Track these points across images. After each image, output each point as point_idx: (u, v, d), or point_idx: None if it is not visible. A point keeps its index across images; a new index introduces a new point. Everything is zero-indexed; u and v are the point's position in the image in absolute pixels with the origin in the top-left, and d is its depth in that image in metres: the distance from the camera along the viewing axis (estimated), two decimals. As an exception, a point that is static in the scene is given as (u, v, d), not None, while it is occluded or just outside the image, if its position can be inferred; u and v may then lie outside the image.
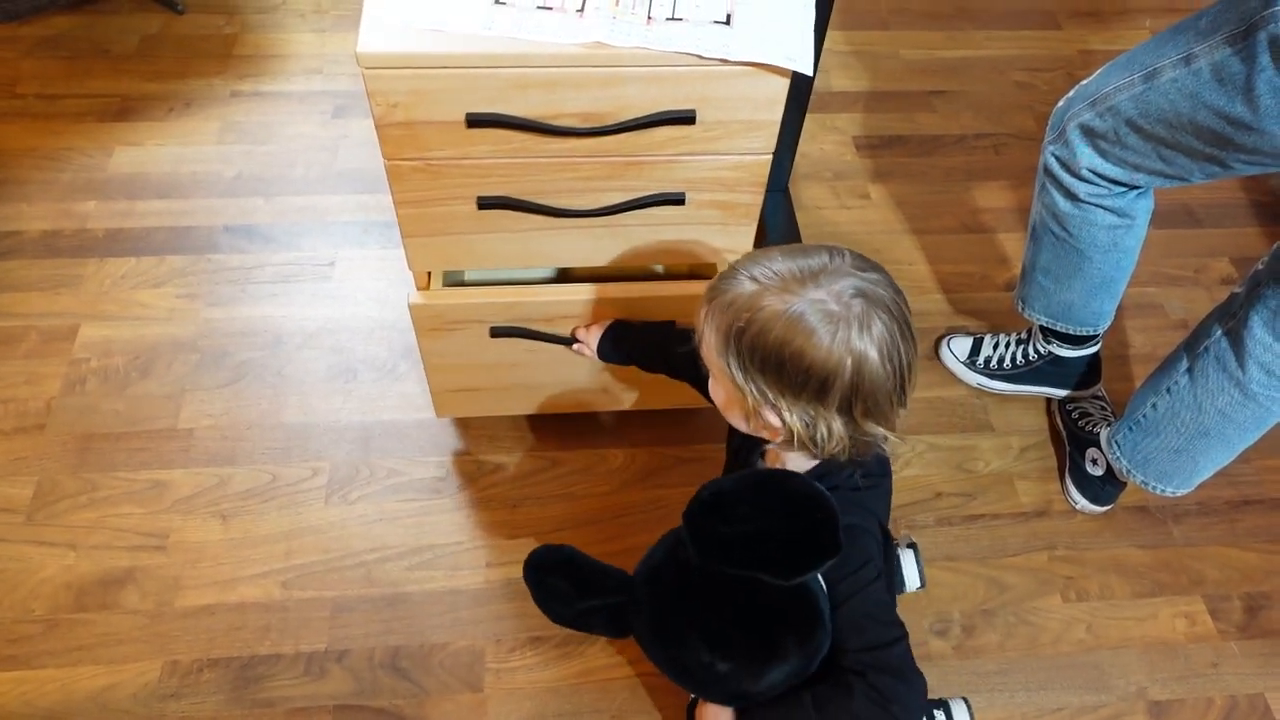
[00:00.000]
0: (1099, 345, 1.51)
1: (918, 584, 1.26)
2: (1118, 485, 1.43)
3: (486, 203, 1.08)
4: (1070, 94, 1.23)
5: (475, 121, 0.99)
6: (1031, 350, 1.54)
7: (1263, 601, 1.40)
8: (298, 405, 1.52)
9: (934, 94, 2.08)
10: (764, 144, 1.06)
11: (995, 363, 1.57)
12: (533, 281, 1.26)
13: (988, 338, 1.60)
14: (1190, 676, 1.32)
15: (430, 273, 1.22)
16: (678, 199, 1.10)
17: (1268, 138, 1.01)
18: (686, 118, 1.00)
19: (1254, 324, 1.13)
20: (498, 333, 1.24)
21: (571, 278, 1.27)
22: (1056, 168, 1.26)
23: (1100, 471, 1.43)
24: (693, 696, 1.13)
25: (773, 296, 0.85)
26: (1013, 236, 1.82)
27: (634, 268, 1.24)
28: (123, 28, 2.07)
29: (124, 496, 1.40)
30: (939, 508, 1.47)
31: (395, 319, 1.62)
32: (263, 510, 1.40)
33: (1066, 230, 1.30)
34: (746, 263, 0.89)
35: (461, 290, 1.22)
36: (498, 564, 1.37)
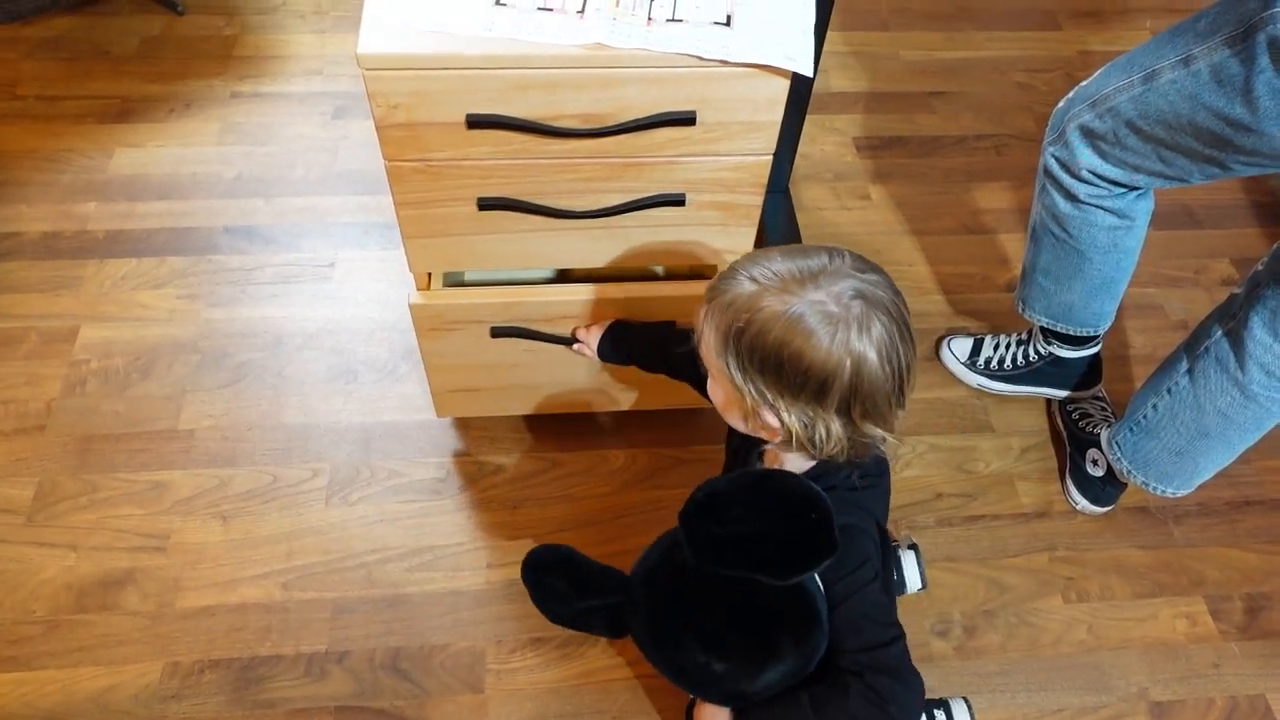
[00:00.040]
0: (1099, 346, 1.51)
1: (919, 585, 1.26)
2: (1118, 486, 1.43)
3: (487, 204, 1.08)
4: (1070, 95, 1.23)
5: (476, 123, 0.99)
6: (1032, 351, 1.54)
7: (1263, 602, 1.40)
8: (298, 406, 1.52)
9: (934, 95, 2.08)
10: (764, 145, 1.06)
11: (996, 363, 1.57)
12: (533, 282, 1.26)
13: (988, 338, 1.60)
14: (1191, 677, 1.32)
15: (430, 274, 1.22)
16: (678, 200, 1.10)
17: (1267, 139, 1.01)
18: (687, 119, 1.00)
19: (1254, 325, 1.13)
20: (498, 333, 1.24)
21: (571, 278, 1.27)
22: (1056, 169, 1.26)
23: (1101, 472, 1.43)
24: (691, 697, 1.13)
25: (772, 297, 0.85)
26: (1013, 237, 1.82)
27: (634, 269, 1.24)
28: (123, 29, 2.07)
29: (124, 498, 1.40)
30: (939, 508, 1.47)
31: (395, 320, 1.62)
32: (263, 511, 1.40)
33: (1066, 231, 1.30)
34: (746, 263, 0.89)
35: (461, 290, 1.22)
36: (498, 565, 1.37)
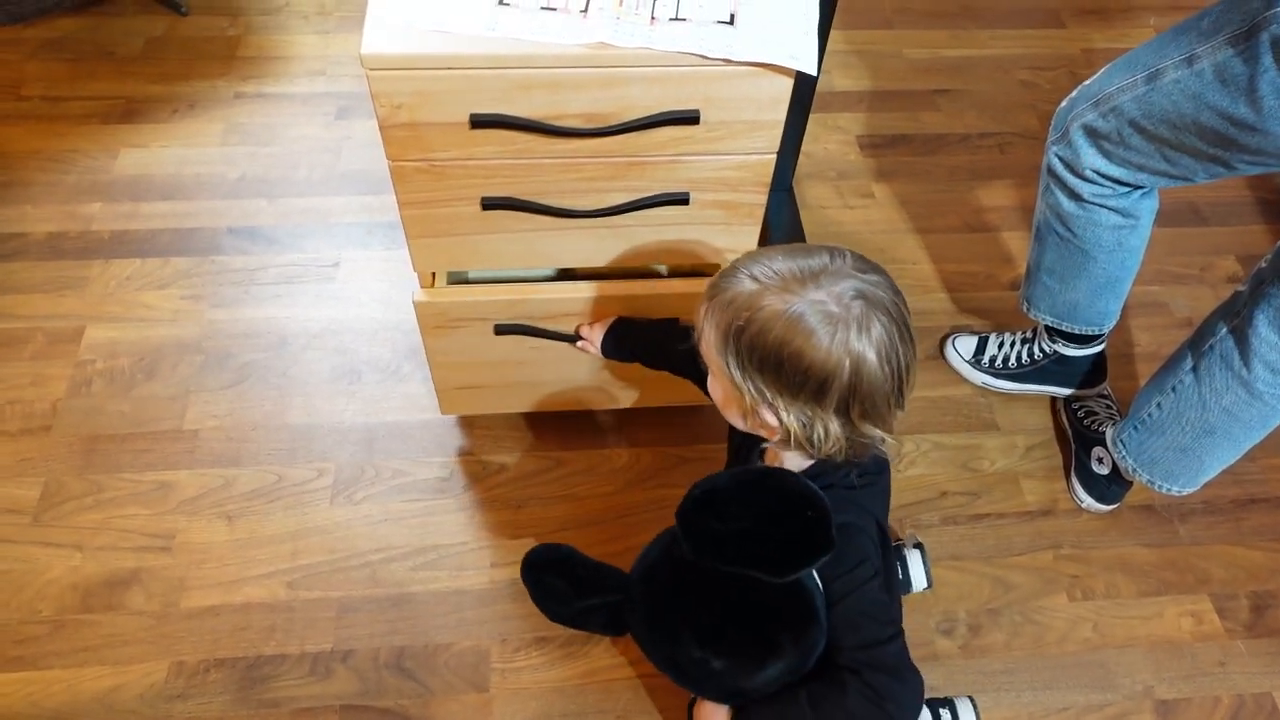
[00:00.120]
0: (1104, 344, 1.51)
1: (924, 585, 1.27)
2: (1123, 484, 1.42)
3: (490, 203, 1.08)
4: (1073, 94, 1.23)
5: (479, 122, 0.99)
6: (1037, 349, 1.53)
7: (1269, 600, 1.39)
8: (302, 406, 1.52)
9: (938, 93, 2.08)
10: (768, 144, 1.06)
11: (1000, 362, 1.57)
12: (536, 279, 1.26)
13: (992, 337, 1.60)
14: (1197, 675, 1.32)
15: (434, 273, 1.23)
16: (682, 199, 1.10)
17: (1271, 138, 1.00)
18: (690, 118, 1.00)
19: (1259, 322, 1.13)
20: (502, 330, 1.24)
21: (574, 275, 1.27)
22: (1060, 168, 1.26)
23: (1106, 470, 1.42)
24: (693, 696, 1.13)
25: (773, 296, 0.85)
26: (1017, 235, 1.82)
27: (637, 267, 1.24)
28: (127, 30, 2.07)
29: (130, 498, 1.41)
30: (944, 507, 1.47)
31: (399, 320, 1.62)
32: (268, 511, 1.41)
33: (1071, 231, 1.30)
34: (747, 261, 0.89)
35: (466, 288, 1.22)
36: (502, 564, 1.37)
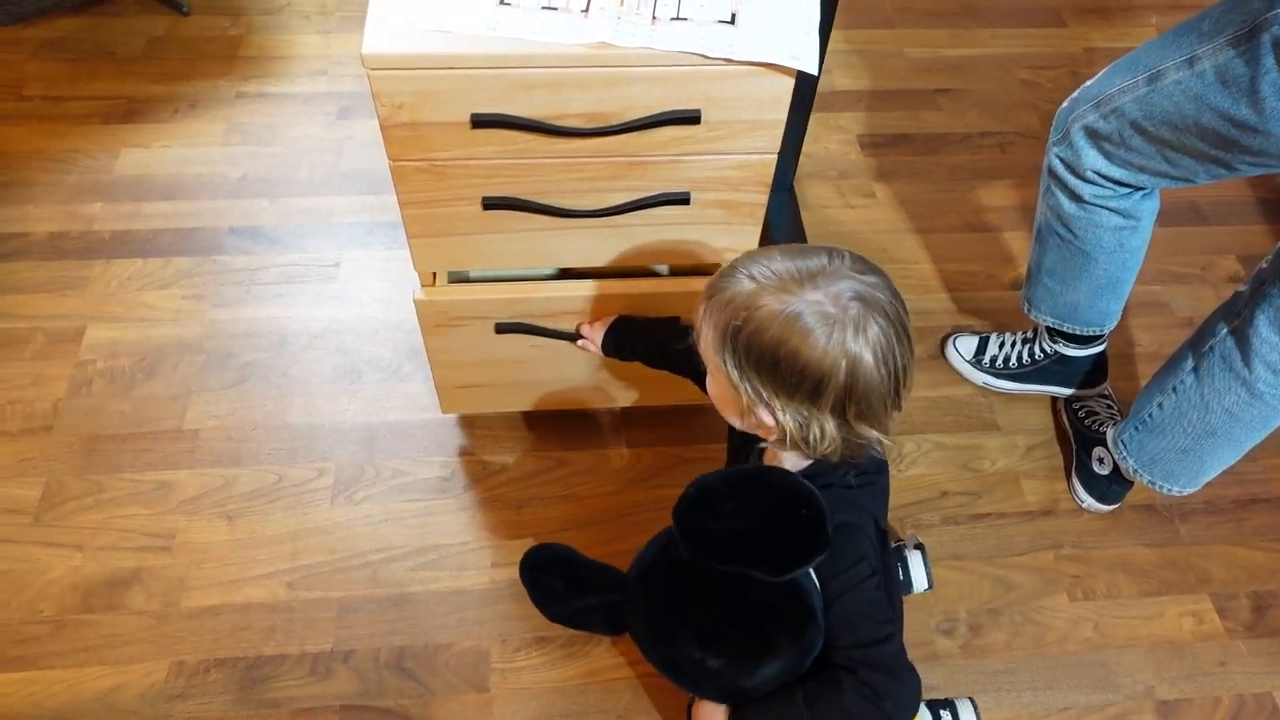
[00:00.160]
0: (1105, 344, 1.50)
1: (925, 585, 1.27)
2: (1124, 484, 1.42)
3: (491, 203, 1.08)
4: (1074, 95, 1.23)
5: (480, 122, 0.99)
6: (1037, 349, 1.53)
7: (1270, 600, 1.39)
8: (303, 406, 1.52)
9: (939, 92, 2.07)
10: (769, 143, 1.06)
11: (1001, 362, 1.57)
12: (536, 278, 1.26)
13: (993, 337, 1.60)
14: (1198, 675, 1.32)
15: (435, 273, 1.23)
16: (683, 199, 1.10)
17: (1273, 140, 1.00)
18: (691, 118, 1.00)
19: (1259, 323, 1.13)
20: (503, 329, 1.24)
21: (575, 274, 1.27)
22: (1061, 170, 1.26)
23: (1107, 470, 1.42)
24: (693, 696, 1.13)
25: (770, 296, 0.86)
26: (1018, 235, 1.82)
27: (638, 267, 1.24)
28: (128, 29, 2.07)
29: (130, 498, 1.41)
30: (945, 507, 1.47)
31: (400, 320, 1.62)
32: (268, 511, 1.41)
33: (1072, 232, 1.30)
34: (746, 261, 0.90)
35: (466, 286, 1.22)
36: (503, 564, 1.37)
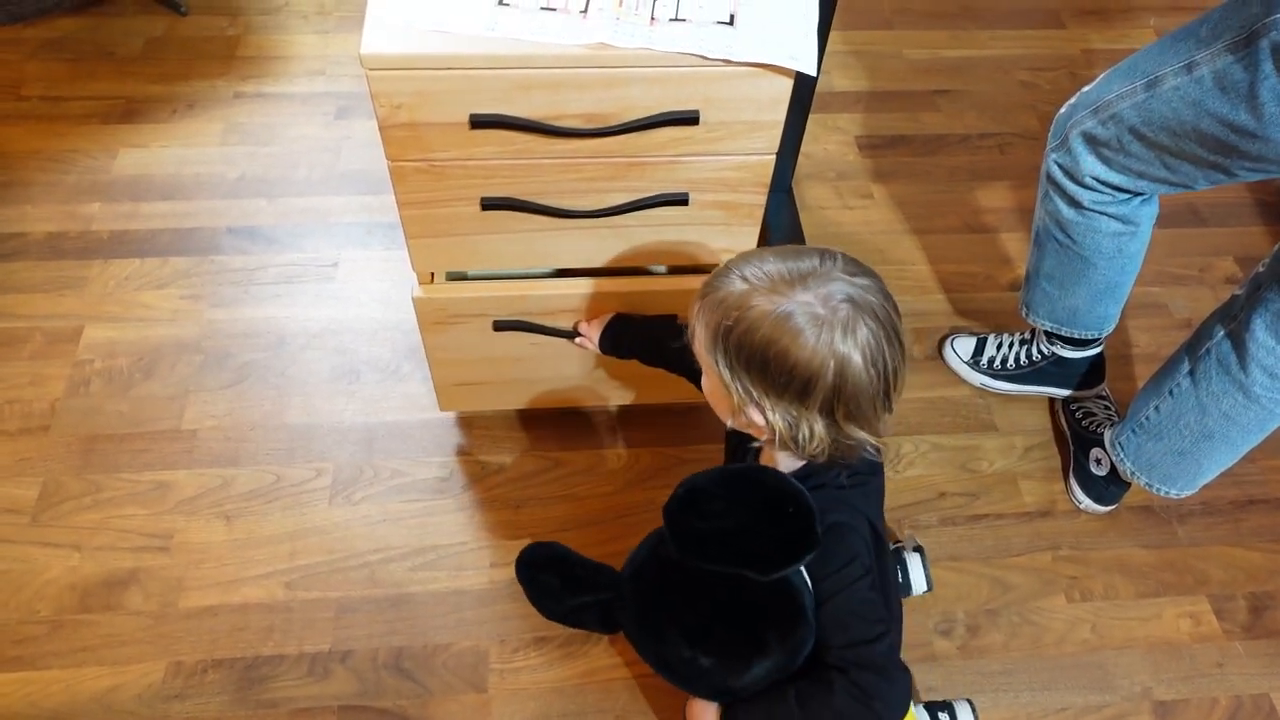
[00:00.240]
0: (1102, 346, 1.51)
1: (924, 588, 1.27)
2: (1122, 485, 1.42)
3: (490, 204, 1.08)
4: (1072, 101, 1.22)
5: (479, 123, 0.99)
6: (1035, 351, 1.53)
7: (1267, 601, 1.39)
8: (301, 406, 1.52)
9: (938, 93, 2.08)
10: (767, 144, 1.06)
11: (999, 363, 1.57)
12: (534, 276, 1.26)
13: (991, 338, 1.60)
14: (1195, 677, 1.32)
15: (433, 274, 1.23)
16: (681, 200, 1.10)
17: (1272, 145, 1.00)
18: (690, 118, 1.00)
19: (1255, 327, 1.13)
20: (500, 326, 1.24)
21: (573, 272, 1.27)
22: (1060, 175, 1.25)
23: (1104, 471, 1.42)
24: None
25: (761, 297, 0.87)
26: (1016, 236, 1.82)
27: (636, 267, 1.24)
28: (127, 30, 2.07)
29: (128, 498, 1.41)
30: (943, 507, 1.47)
31: (399, 320, 1.62)
32: (266, 511, 1.41)
33: (1070, 237, 1.30)
34: (740, 262, 0.91)
35: (464, 284, 1.22)
36: (501, 564, 1.37)
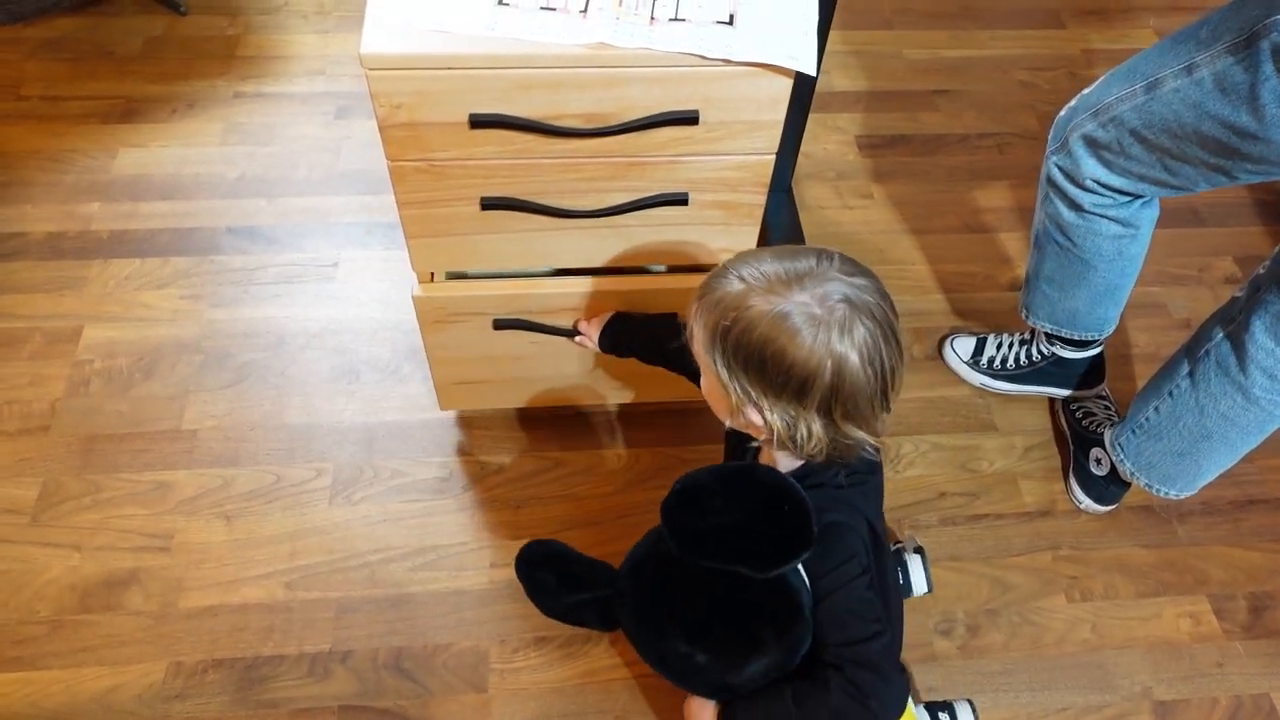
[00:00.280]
0: (1102, 346, 1.51)
1: (925, 589, 1.27)
2: (1122, 485, 1.42)
3: (490, 203, 1.08)
4: (1072, 103, 1.22)
5: (478, 122, 0.99)
6: (1035, 351, 1.53)
7: (1267, 601, 1.39)
8: (301, 406, 1.52)
9: (937, 93, 2.08)
10: (767, 144, 1.06)
11: (999, 363, 1.57)
12: (534, 274, 1.26)
13: (991, 338, 1.60)
14: (1195, 676, 1.32)
15: (433, 273, 1.23)
16: (681, 199, 1.10)
17: (1274, 147, 1.00)
18: (689, 118, 1.00)
19: (1255, 329, 1.13)
20: (500, 325, 1.24)
21: (573, 270, 1.27)
22: (1060, 178, 1.25)
23: (1104, 471, 1.42)
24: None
25: (759, 297, 0.87)
26: (1015, 236, 1.82)
27: (636, 267, 1.24)
28: (126, 29, 2.07)
29: (128, 498, 1.41)
30: (943, 507, 1.47)
31: (399, 320, 1.62)
32: (266, 511, 1.40)
33: (1071, 240, 1.30)
34: (737, 262, 0.91)
35: (464, 283, 1.22)
36: (501, 564, 1.37)
